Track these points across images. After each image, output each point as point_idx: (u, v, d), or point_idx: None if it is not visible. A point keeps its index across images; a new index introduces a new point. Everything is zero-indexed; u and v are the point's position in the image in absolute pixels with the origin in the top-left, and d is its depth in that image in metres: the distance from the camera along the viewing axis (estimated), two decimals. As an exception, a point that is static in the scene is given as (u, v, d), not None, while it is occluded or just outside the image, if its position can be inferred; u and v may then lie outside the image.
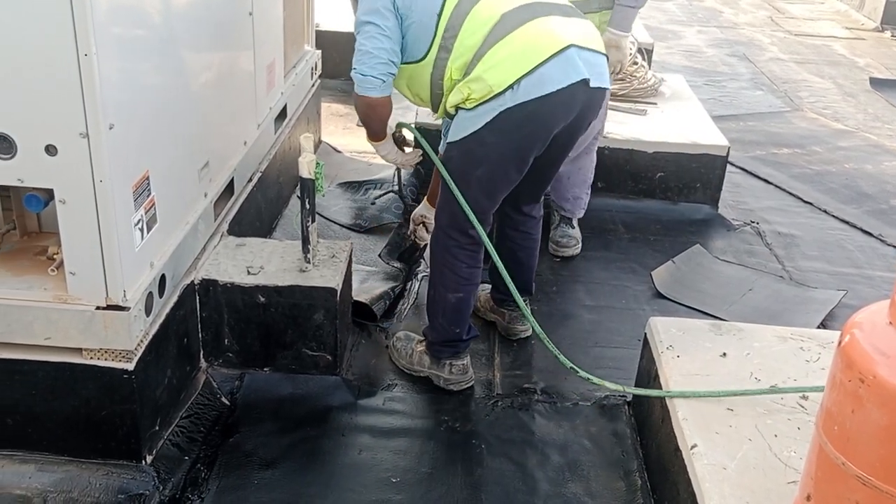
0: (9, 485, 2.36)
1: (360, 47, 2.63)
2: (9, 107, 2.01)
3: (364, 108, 2.75)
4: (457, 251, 2.81)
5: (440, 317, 2.91)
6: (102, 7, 1.96)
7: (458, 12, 2.59)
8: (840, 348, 1.69)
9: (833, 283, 3.94)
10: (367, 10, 2.61)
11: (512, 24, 2.55)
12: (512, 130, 2.59)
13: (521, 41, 2.54)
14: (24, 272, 2.35)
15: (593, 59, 2.62)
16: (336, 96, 5.91)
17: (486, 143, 2.62)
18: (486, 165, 2.67)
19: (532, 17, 2.57)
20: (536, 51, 2.53)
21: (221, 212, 3.00)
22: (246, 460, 2.60)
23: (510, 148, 2.64)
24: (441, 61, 2.63)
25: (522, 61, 2.51)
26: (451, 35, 2.59)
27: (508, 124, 2.56)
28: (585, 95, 2.62)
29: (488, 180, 2.71)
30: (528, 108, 2.53)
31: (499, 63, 2.52)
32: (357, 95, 2.70)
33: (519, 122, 2.56)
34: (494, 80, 2.52)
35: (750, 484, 2.13)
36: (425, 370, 3.02)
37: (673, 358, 2.61)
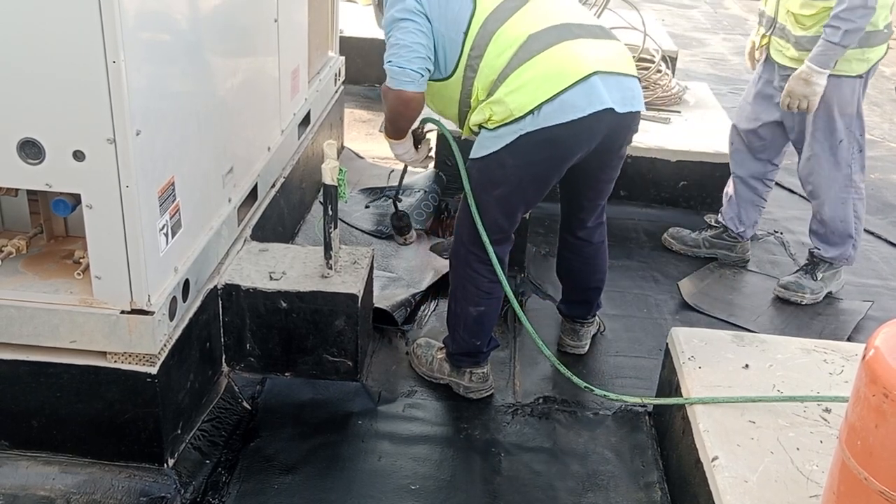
0: (33, 486, 2.39)
1: (396, 41, 2.55)
2: (38, 113, 2.04)
3: (396, 103, 2.63)
4: (478, 266, 2.79)
5: (461, 329, 2.90)
6: (130, 14, 1.99)
7: (484, 32, 2.55)
8: (864, 362, 1.67)
9: (857, 294, 3.90)
10: (402, 8, 2.56)
11: (538, 47, 2.51)
12: (531, 154, 2.56)
13: (545, 65, 2.49)
14: (50, 276, 2.38)
15: (621, 83, 2.58)
16: (359, 102, 5.94)
17: (505, 165, 2.60)
18: (505, 186, 2.66)
19: (559, 40, 2.53)
20: (560, 77, 2.48)
21: (245, 217, 3.02)
22: (266, 465, 2.62)
23: (528, 171, 2.61)
24: (468, 80, 2.60)
25: (545, 87, 2.48)
26: (476, 55, 2.56)
27: (528, 148, 2.53)
28: (612, 121, 2.57)
29: (506, 201, 2.70)
30: (549, 134, 2.50)
31: (521, 87, 2.49)
32: (389, 90, 2.59)
33: (538, 146, 2.53)
34: (516, 104, 2.49)
35: (772, 497, 2.12)
36: (445, 377, 3.02)
37: (695, 369, 2.60)
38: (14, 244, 2.43)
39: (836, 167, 3.56)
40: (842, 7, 3.17)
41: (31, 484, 2.39)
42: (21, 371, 2.33)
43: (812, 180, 3.63)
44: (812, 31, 3.36)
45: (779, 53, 3.55)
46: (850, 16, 3.16)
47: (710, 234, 4.09)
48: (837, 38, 3.21)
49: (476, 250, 2.77)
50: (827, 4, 3.26)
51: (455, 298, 2.90)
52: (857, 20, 3.17)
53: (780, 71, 3.57)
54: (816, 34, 3.33)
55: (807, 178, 3.65)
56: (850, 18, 3.17)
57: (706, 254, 4.07)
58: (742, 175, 3.92)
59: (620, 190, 4.46)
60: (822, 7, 3.29)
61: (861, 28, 3.21)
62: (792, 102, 3.39)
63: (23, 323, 2.27)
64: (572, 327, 3.25)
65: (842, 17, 3.18)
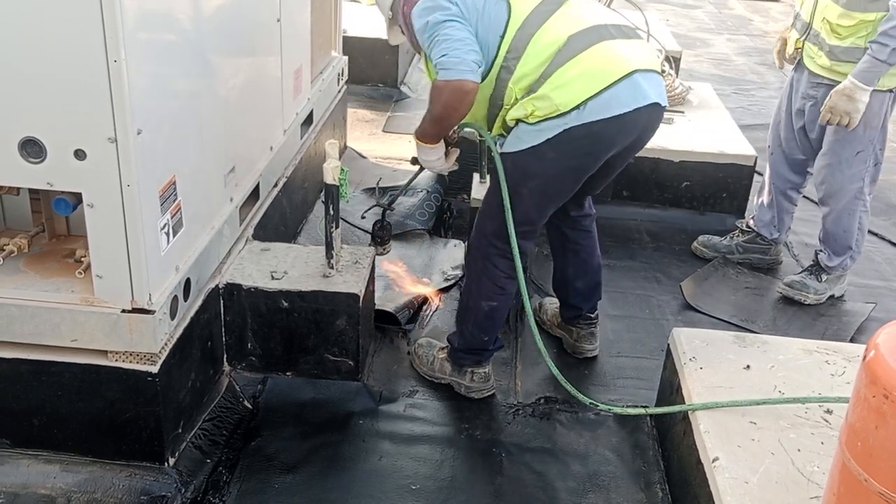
0: (34, 484, 2.40)
1: (447, 37, 2.51)
2: (39, 112, 2.04)
3: (453, 96, 2.53)
4: (497, 260, 2.80)
5: (470, 324, 2.91)
6: (132, 14, 1.99)
7: (522, 34, 2.57)
8: (864, 364, 1.67)
9: (860, 295, 3.89)
10: (442, 12, 2.54)
11: (580, 46, 2.55)
12: (573, 148, 2.60)
13: (589, 62, 2.54)
14: (52, 274, 2.39)
15: (657, 81, 2.66)
16: (362, 102, 5.94)
17: (544, 158, 2.62)
18: (541, 179, 2.68)
19: (599, 39, 2.58)
20: (605, 73, 2.54)
21: (247, 216, 3.03)
22: (267, 464, 2.62)
23: (568, 165, 2.65)
24: (502, 82, 2.61)
25: (591, 83, 2.53)
26: (513, 56, 2.58)
27: (570, 142, 2.57)
28: (648, 117, 2.64)
29: (541, 193, 2.72)
30: (592, 129, 2.55)
31: (567, 83, 2.52)
32: (446, 83, 2.51)
33: (581, 141, 2.57)
34: (561, 99, 2.52)
35: (772, 499, 2.11)
36: (446, 377, 3.02)
37: (696, 370, 2.59)
38: (16, 243, 2.44)
39: (850, 179, 3.54)
40: (890, 24, 3.12)
41: (32, 482, 2.40)
42: (22, 369, 2.33)
43: (825, 188, 3.62)
44: (847, 42, 3.31)
45: (810, 60, 3.51)
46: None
47: (742, 239, 4.07)
48: (885, 56, 3.16)
49: (499, 244, 2.78)
50: (866, 17, 3.22)
51: (469, 292, 2.91)
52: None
53: (811, 78, 3.54)
54: (852, 45, 3.30)
55: (819, 184, 3.64)
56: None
57: (739, 259, 4.05)
58: (782, 187, 3.90)
59: (623, 190, 4.46)
60: (860, 19, 3.24)
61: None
62: (833, 118, 3.34)
63: (24, 321, 2.27)
64: (588, 331, 3.25)
65: (890, 34, 3.12)
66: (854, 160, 3.50)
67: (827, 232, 3.70)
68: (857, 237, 3.68)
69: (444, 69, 2.49)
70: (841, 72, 3.37)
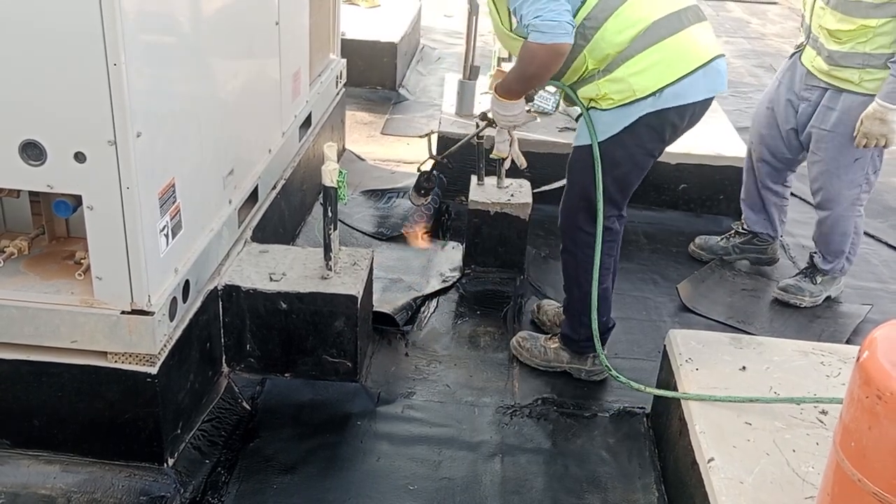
0: (34, 484, 2.41)
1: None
2: (39, 115, 2.06)
3: (548, 57, 2.53)
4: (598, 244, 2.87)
5: (587, 313, 2.94)
6: (131, 17, 2.01)
7: (605, 5, 2.58)
8: (858, 364, 1.69)
9: (857, 297, 3.91)
10: None
11: (664, 32, 2.59)
12: (649, 136, 2.69)
13: (672, 49, 2.59)
14: (52, 276, 2.40)
15: (724, 67, 2.73)
16: (361, 104, 5.95)
17: (625, 146, 2.70)
18: (625, 167, 2.76)
19: (681, 27, 2.62)
20: (686, 61, 2.61)
21: (245, 219, 3.04)
22: (266, 465, 2.63)
23: (646, 150, 2.73)
24: (577, 48, 2.60)
25: (670, 70, 2.59)
26: (592, 25, 2.58)
27: (648, 129, 2.66)
28: (704, 106, 2.73)
29: (625, 180, 2.80)
30: (665, 116, 2.64)
31: (647, 68, 2.58)
32: (541, 45, 2.49)
33: (657, 127, 2.67)
34: (639, 85, 2.59)
35: (767, 499, 2.13)
36: (564, 365, 3.12)
37: (692, 371, 2.61)
38: (16, 245, 2.45)
39: (847, 185, 3.55)
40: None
41: (32, 483, 2.41)
42: (22, 371, 2.34)
43: (822, 194, 3.62)
44: (847, 47, 3.31)
45: (809, 62, 3.51)
46: None
47: (739, 240, 4.08)
48: None
49: (594, 229, 2.83)
50: (867, 23, 3.22)
51: (578, 284, 2.95)
52: None
53: (807, 79, 3.54)
54: (851, 50, 3.30)
55: (817, 190, 3.65)
56: None
57: (737, 259, 4.06)
58: (765, 181, 3.91)
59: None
60: (861, 24, 3.23)
61: None
62: (870, 143, 3.33)
63: (24, 323, 2.29)
64: None
65: None
66: (853, 167, 3.51)
67: (822, 235, 3.72)
68: (851, 241, 3.70)
69: (539, 32, 2.48)
70: (839, 76, 3.37)
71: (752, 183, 3.96)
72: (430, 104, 6.09)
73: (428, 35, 7.95)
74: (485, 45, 6.00)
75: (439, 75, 6.67)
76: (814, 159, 3.60)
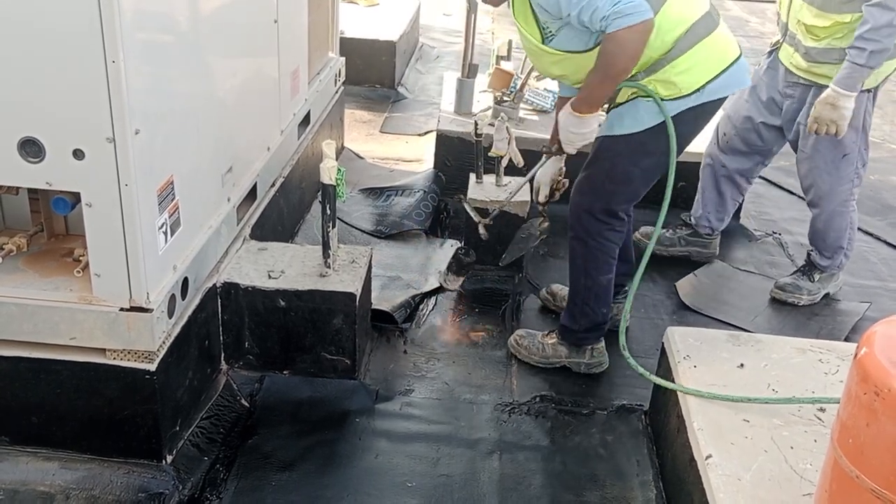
0: (33, 481, 2.41)
1: None
2: (38, 112, 2.06)
3: (639, 39, 2.49)
4: (609, 233, 2.93)
5: (592, 302, 3.02)
6: (130, 15, 2.01)
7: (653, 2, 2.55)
8: (856, 361, 1.69)
9: (856, 295, 3.91)
10: None
11: (703, 31, 2.68)
12: (689, 126, 2.78)
13: (711, 47, 2.69)
14: (50, 273, 2.40)
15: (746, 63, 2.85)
16: (359, 103, 5.95)
17: (662, 136, 2.74)
18: (656, 157, 2.80)
19: (715, 25, 2.72)
20: (722, 58, 2.73)
21: (244, 216, 3.04)
22: (264, 462, 2.63)
23: (681, 142, 2.78)
24: None
25: (713, 66, 2.70)
26: None
27: (687, 121, 2.74)
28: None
29: (652, 171, 2.85)
30: (706, 108, 2.76)
31: (691, 68, 2.67)
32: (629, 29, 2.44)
33: (696, 119, 2.77)
34: (685, 83, 2.68)
35: (765, 496, 2.13)
36: (563, 360, 3.15)
37: (689, 368, 2.61)
38: (15, 242, 2.45)
39: (838, 181, 3.55)
40: (866, 28, 3.10)
41: (31, 479, 2.41)
42: (21, 368, 2.35)
43: (814, 192, 3.63)
44: (824, 43, 3.31)
45: (788, 60, 3.52)
46: (875, 35, 3.10)
47: (685, 232, 4.08)
48: (863, 60, 3.14)
49: (609, 219, 2.90)
50: (841, 19, 3.22)
51: (586, 273, 2.98)
52: (882, 39, 3.11)
53: (787, 77, 3.55)
54: (828, 46, 3.30)
55: (808, 187, 3.65)
56: (875, 38, 3.10)
57: (680, 252, 4.05)
58: (729, 174, 3.90)
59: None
60: (835, 21, 3.24)
61: (888, 48, 3.14)
62: (820, 128, 3.33)
63: (23, 320, 2.29)
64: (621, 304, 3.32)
65: (866, 37, 3.11)
66: (842, 163, 3.51)
67: (817, 232, 3.72)
68: (848, 236, 3.70)
69: (624, 16, 2.42)
70: (818, 73, 3.38)
71: (712, 177, 3.96)
72: (429, 102, 6.09)
73: (427, 33, 7.95)
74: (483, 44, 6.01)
75: (438, 74, 6.67)
76: (802, 157, 3.60)
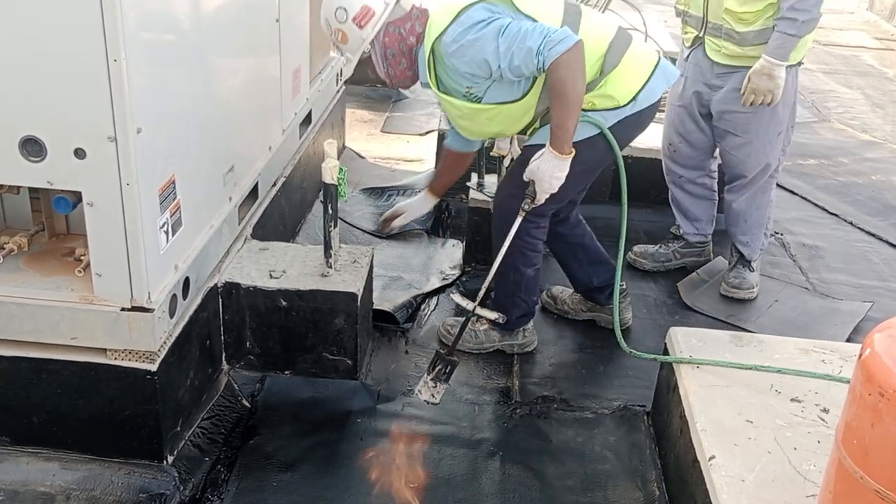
0: (33, 482, 2.41)
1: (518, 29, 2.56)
2: (39, 111, 2.05)
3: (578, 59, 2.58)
4: (536, 231, 3.02)
5: (521, 293, 3.12)
6: (132, 14, 2.00)
7: None
8: (860, 361, 1.68)
9: (858, 295, 3.90)
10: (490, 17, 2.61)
11: (623, 45, 2.82)
12: (621, 136, 2.86)
13: (635, 58, 2.83)
14: (51, 273, 2.39)
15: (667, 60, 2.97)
16: (361, 102, 5.95)
17: (595, 147, 2.84)
18: (587, 164, 2.86)
19: (630, 39, 2.86)
20: (648, 64, 2.86)
21: (245, 216, 3.04)
22: (265, 462, 2.63)
23: (609, 154, 2.88)
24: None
25: (641, 74, 2.84)
26: None
27: (621, 130, 2.85)
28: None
29: (580, 179, 2.90)
30: (640, 116, 2.87)
31: (624, 78, 2.80)
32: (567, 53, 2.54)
33: (629, 128, 2.88)
34: (620, 94, 2.80)
35: (768, 497, 2.12)
36: (497, 344, 3.24)
37: (693, 368, 2.60)
38: (16, 241, 2.45)
39: (769, 157, 3.59)
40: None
41: (32, 480, 2.41)
42: (22, 367, 2.34)
43: (740, 169, 3.63)
44: (758, 25, 3.35)
45: (716, 52, 3.52)
46: (804, 5, 3.22)
47: (678, 244, 4.03)
48: (794, 30, 3.25)
49: (538, 220, 2.99)
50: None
51: (513, 268, 3.05)
52: (811, 9, 3.23)
53: (717, 69, 3.55)
54: (762, 27, 3.34)
55: (735, 165, 3.65)
56: (805, 9, 3.22)
57: (676, 265, 4.01)
58: (689, 176, 3.89)
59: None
60: (768, 3, 3.29)
61: (817, 18, 3.27)
62: (756, 98, 3.39)
63: (24, 320, 2.28)
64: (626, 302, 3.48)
65: (798, 8, 3.21)
66: (776, 140, 3.57)
67: (738, 214, 3.72)
68: (770, 212, 3.76)
69: (557, 42, 2.54)
70: (754, 56, 3.40)
71: (678, 188, 3.95)
72: (430, 102, 6.08)
73: (428, 33, 7.94)
74: (485, 44, 5.99)
75: (439, 73, 6.66)
76: (735, 142, 3.60)
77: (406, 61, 2.85)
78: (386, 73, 2.92)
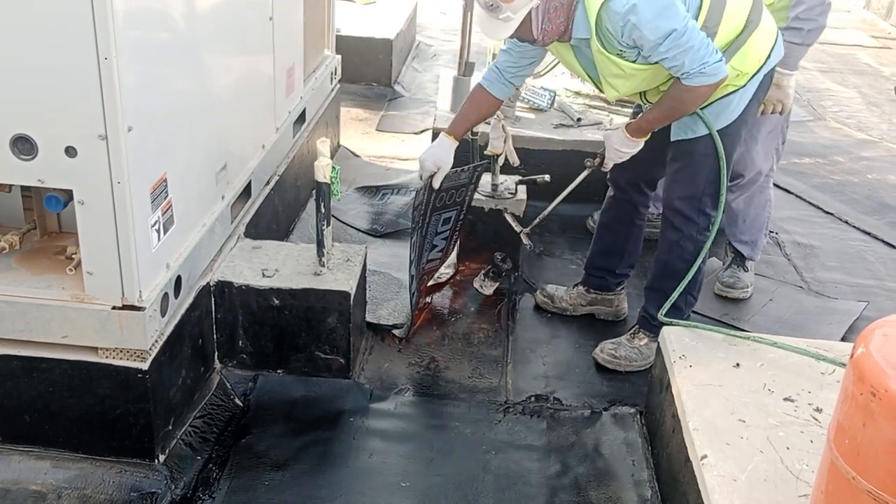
0: (25, 480, 2.40)
1: (693, 43, 2.58)
2: (30, 109, 2.04)
3: (710, 93, 2.71)
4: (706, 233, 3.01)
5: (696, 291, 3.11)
6: (122, 11, 1.99)
7: (713, 13, 2.72)
8: (852, 361, 1.68)
9: (853, 294, 3.90)
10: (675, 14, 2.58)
11: (755, 20, 2.80)
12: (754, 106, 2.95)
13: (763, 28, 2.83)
14: (43, 271, 2.39)
15: None
16: (356, 101, 5.93)
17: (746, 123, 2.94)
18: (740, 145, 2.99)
19: (761, 9, 2.85)
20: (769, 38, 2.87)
21: (238, 214, 3.03)
22: (257, 461, 2.62)
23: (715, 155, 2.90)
24: None
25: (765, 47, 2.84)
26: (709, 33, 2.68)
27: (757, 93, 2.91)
28: None
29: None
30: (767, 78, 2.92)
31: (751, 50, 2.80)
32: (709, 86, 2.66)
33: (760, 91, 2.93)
34: (749, 66, 2.82)
35: (760, 497, 2.12)
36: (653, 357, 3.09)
37: (685, 367, 2.60)
38: (7, 240, 2.44)
39: (763, 157, 3.60)
40: (801, 8, 3.22)
41: (23, 478, 2.40)
42: (13, 366, 2.33)
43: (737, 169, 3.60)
44: None
45: None
46: (810, 15, 3.22)
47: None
48: (801, 39, 3.26)
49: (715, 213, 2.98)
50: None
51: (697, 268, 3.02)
52: (818, 18, 3.25)
53: None
54: None
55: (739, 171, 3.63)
56: (810, 18, 3.23)
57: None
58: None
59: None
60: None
61: (822, 26, 3.28)
62: (766, 108, 3.38)
63: (15, 318, 2.28)
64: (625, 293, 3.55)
65: (802, 17, 3.22)
66: (767, 139, 3.57)
67: (737, 214, 3.71)
68: (769, 213, 3.75)
69: (706, 76, 2.63)
70: None
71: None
72: (426, 101, 6.07)
73: (423, 32, 7.94)
74: (480, 42, 5.98)
75: (434, 72, 6.65)
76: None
77: (563, 15, 2.72)
78: (541, 28, 2.73)
